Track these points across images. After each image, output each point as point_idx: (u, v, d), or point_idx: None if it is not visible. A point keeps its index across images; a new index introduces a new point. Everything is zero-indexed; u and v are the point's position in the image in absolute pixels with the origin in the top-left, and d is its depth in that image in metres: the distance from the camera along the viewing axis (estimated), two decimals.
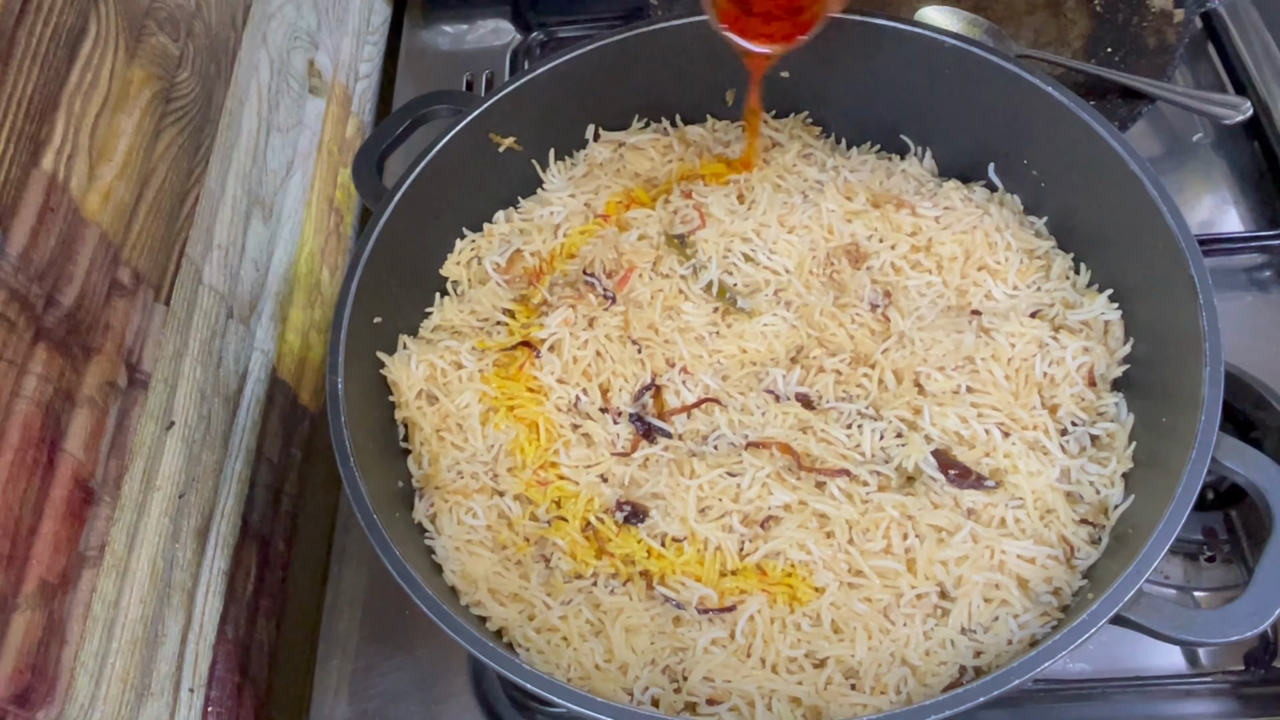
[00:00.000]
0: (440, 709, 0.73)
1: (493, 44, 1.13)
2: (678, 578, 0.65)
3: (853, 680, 0.61)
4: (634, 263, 0.75)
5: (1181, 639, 0.56)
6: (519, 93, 0.79)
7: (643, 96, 0.84)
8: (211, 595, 0.71)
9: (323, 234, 0.93)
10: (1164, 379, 0.66)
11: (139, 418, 0.64)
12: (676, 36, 0.79)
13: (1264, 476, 0.59)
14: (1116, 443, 0.66)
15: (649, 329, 0.73)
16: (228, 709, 0.70)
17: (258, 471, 0.78)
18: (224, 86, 0.78)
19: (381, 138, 0.81)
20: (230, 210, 0.78)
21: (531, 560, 0.67)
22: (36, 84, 0.57)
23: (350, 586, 0.79)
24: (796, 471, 0.67)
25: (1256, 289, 0.86)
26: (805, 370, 0.71)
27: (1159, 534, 0.56)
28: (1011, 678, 0.53)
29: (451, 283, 0.81)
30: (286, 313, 0.86)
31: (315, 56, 0.96)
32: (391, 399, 0.74)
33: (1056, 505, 0.64)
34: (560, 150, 0.85)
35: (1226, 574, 0.72)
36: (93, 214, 0.61)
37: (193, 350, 0.71)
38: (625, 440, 0.70)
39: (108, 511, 0.60)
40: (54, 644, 0.55)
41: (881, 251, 0.75)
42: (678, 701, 0.61)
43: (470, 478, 0.70)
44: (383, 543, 0.61)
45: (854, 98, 0.81)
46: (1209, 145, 0.95)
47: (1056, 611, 0.62)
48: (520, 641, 0.64)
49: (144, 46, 0.67)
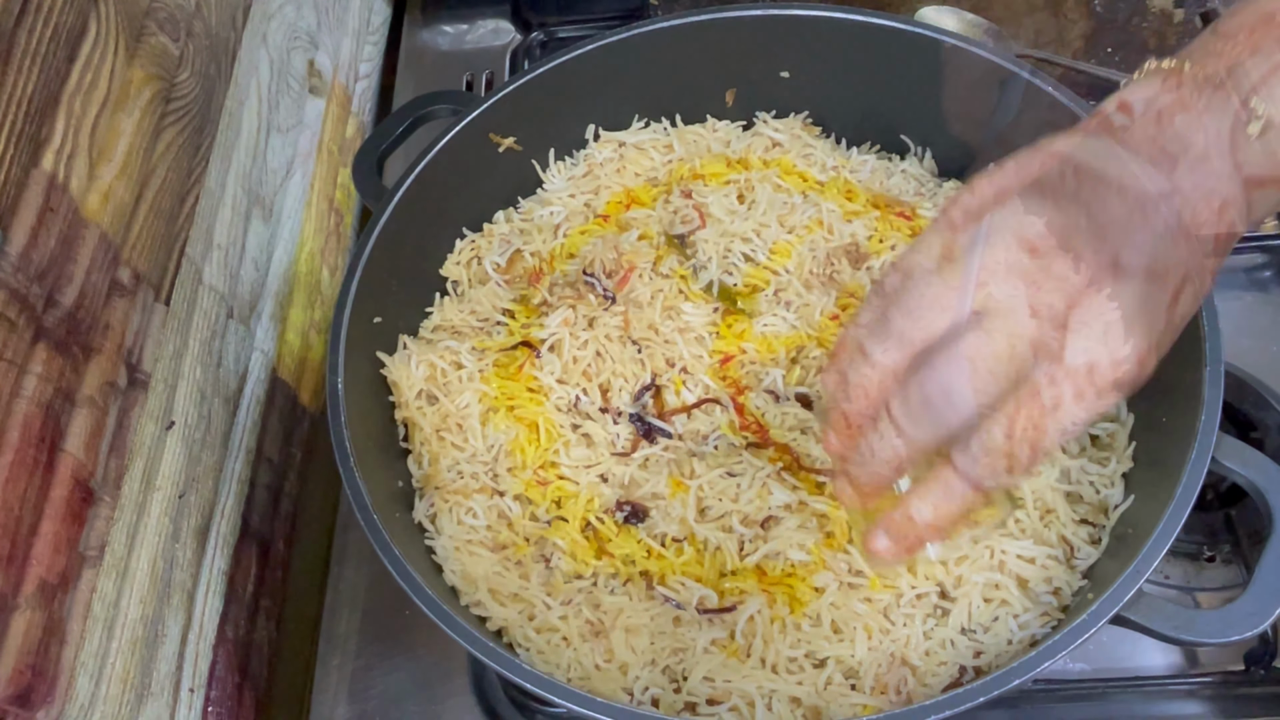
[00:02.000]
0: (440, 709, 0.73)
1: (493, 44, 1.13)
2: (678, 578, 0.65)
3: (853, 680, 0.61)
4: (634, 263, 0.75)
5: (1181, 639, 0.55)
6: (519, 93, 0.79)
7: (643, 96, 0.84)
8: (211, 595, 0.71)
9: (323, 234, 0.93)
10: (1164, 379, 0.65)
11: (139, 418, 0.64)
12: (676, 36, 0.79)
13: (1264, 476, 0.59)
14: (1116, 442, 0.66)
15: (649, 329, 0.73)
16: (228, 709, 0.70)
17: (258, 471, 0.78)
18: (224, 86, 0.78)
19: (381, 138, 0.81)
20: (230, 210, 0.78)
21: (531, 560, 0.67)
22: (36, 84, 0.57)
23: (350, 586, 0.79)
24: (796, 471, 0.67)
25: (1256, 289, 0.86)
26: (805, 370, 0.71)
27: (1159, 534, 0.56)
28: (1011, 678, 0.53)
29: (451, 283, 0.81)
30: (286, 313, 0.86)
31: (315, 56, 0.96)
32: (391, 399, 0.74)
33: (1056, 505, 0.64)
34: (560, 150, 0.85)
35: (1226, 574, 0.72)
36: (93, 214, 0.61)
37: (193, 350, 0.71)
38: (625, 440, 0.70)
39: (108, 511, 0.60)
40: (54, 644, 0.55)
41: (881, 251, 0.75)
42: (677, 701, 0.61)
43: (470, 478, 0.70)
44: (383, 543, 0.61)
45: (854, 98, 0.81)
46: None
47: (1056, 611, 0.62)
48: (520, 642, 0.64)
49: (144, 46, 0.67)
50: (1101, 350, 0.46)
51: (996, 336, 0.46)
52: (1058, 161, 0.48)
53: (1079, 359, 0.46)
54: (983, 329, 0.46)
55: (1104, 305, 0.46)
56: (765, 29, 0.80)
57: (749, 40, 0.80)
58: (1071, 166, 0.48)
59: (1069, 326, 0.46)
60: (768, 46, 0.81)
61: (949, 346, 0.47)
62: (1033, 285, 0.46)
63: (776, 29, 0.80)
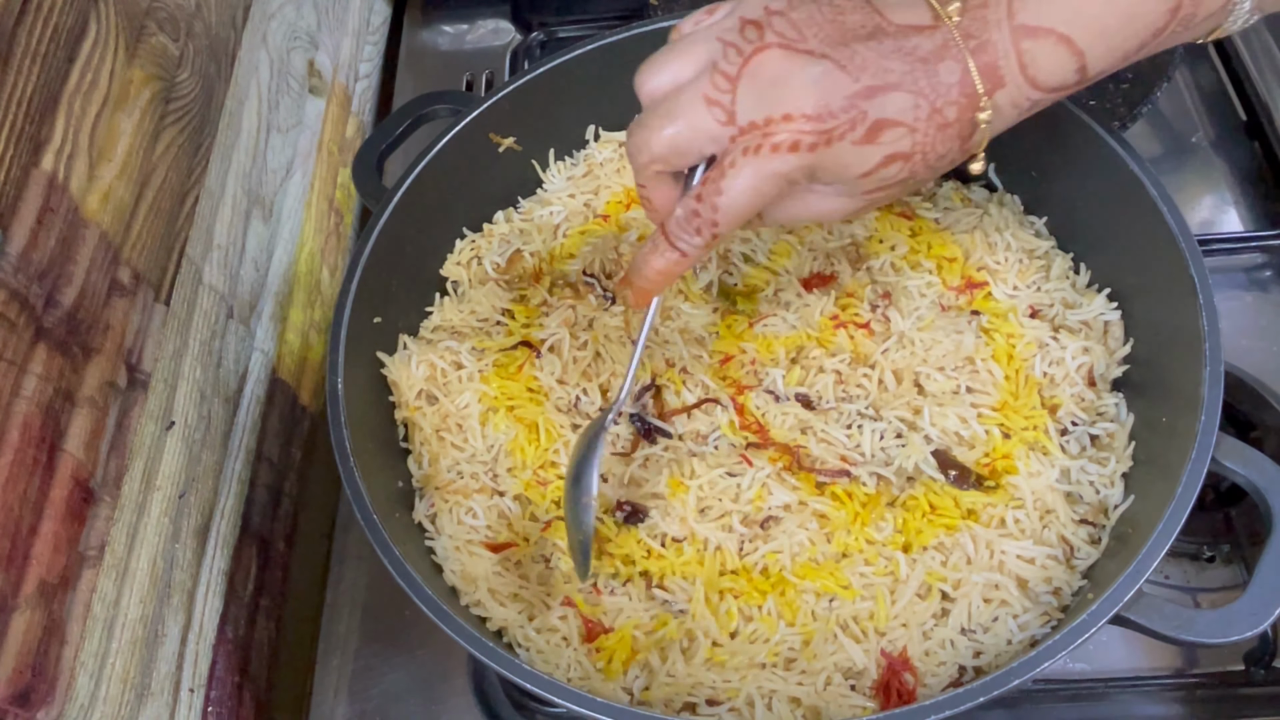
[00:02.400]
0: (440, 709, 0.73)
1: (493, 44, 1.13)
2: (677, 578, 0.65)
3: (853, 680, 0.61)
4: None
5: (1181, 639, 0.55)
6: (519, 93, 0.79)
7: None
8: (211, 595, 0.71)
9: (323, 234, 0.93)
10: (1164, 379, 0.66)
11: (139, 418, 0.64)
12: None
13: (1264, 476, 0.59)
14: (1116, 443, 0.66)
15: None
16: (228, 709, 0.70)
17: (258, 471, 0.78)
18: (224, 86, 0.78)
19: (381, 138, 0.81)
20: (230, 210, 0.78)
21: (531, 560, 0.67)
22: (36, 84, 0.57)
23: (350, 586, 0.79)
24: (796, 472, 0.67)
25: (1256, 289, 0.86)
26: (805, 370, 0.71)
27: (1159, 534, 0.56)
28: (1011, 678, 0.53)
29: (451, 283, 0.81)
30: (286, 313, 0.86)
31: (315, 56, 0.96)
32: (391, 399, 0.74)
33: (1056, 505, 0.64)
34: (560, 150, 0.85)
35: (1226, 574, 0.73)
36: (93, 214, 0.61)
37: (193, 350, 0.71)
38: (625, 440, 0.70)
39: (108, 511, 0.60)
40: (54, 644, 0.55)
41: (881, 252, 0.75)
42: (677, 701, 0.61)
43: (470, 478, 0.70)
44: (383, 543, 0.61)
45: None
46: (1209, 145, 0.95)
47: (1056, 611, 0.62)
48: (520, 641, 0.64)
49: (144, 46, 0.67)
50: (764, 105, 0.49)
51: (683, 100, 0.52)
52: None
53: (747, 115, 0.50)
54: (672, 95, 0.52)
55: (776, 63, 0.49)
56: None
57: None
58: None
59: (738, 80, 0.50)
60: None
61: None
62: (727, 46, 0.51)
63: None
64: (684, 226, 0.54)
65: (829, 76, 0.49)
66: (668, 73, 0.53)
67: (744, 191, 0.51)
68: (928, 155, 0.51)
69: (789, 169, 0.50)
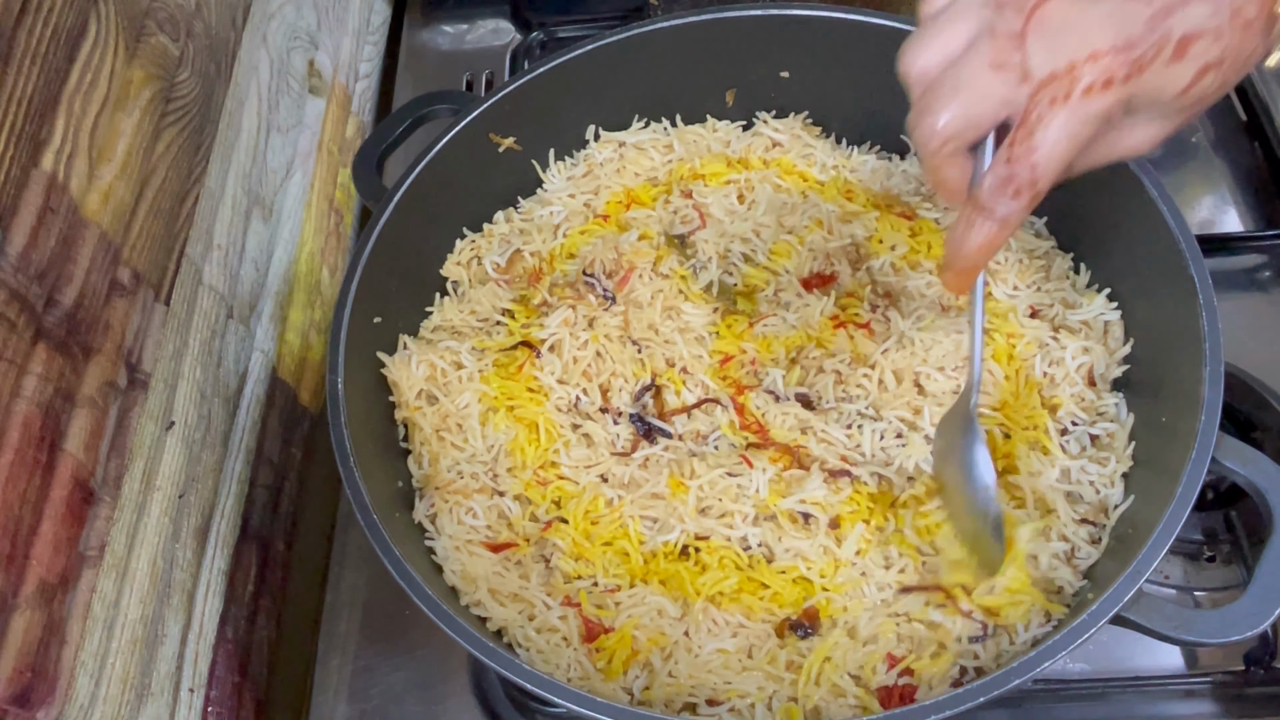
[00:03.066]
0: (440, 709, 0.73)
1: (493, 44, 1.13)
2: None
3: (853, 680, 0.61)
4: (634, 263, 0.75)
5: (1181, 639, 0.56)
6: (519, 93, 0.79)
7: (643, 96, 0.84)
8: (211, 595, 0.71)
9: (323, 234, 0.93)
10: (1164, 379, 0.66)
11: (139, 418, 0.64)
12: (676, 36, 0.79)
13: (1264, 476, 0.59)
14: (1116, 443, 0.66)
15: (649, 329, 0.73)
16: (228, 709, 0.70)
17: (258, 471, 0.78)
18: (224, 86, 0.78)
19: (381, 138, 0.81)
20: (230, 210, 0.78)
21: (531, 560, 0.67)
22: (36, 84, 0.57)
23: (350, 586, 0.79)
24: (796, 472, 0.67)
25: (1256, 289, 0.86)
26: (805, 370, 0.71)
27: (1159, 534, 0.56)
28: (1011, 678, 0.53)
29: (451, 283, 0.81)
30: (286, 313, 0.86)
31: (315, 56, 0.96)
32: (391, 399, 0.74)
33: (1056, 505, 0.64)
34: (560, 150, 0.85)
35: (1226, 574, 0.72)
36: (93, 214, 0.61)
37: (193, 350, 0.71)
38: (625, 440, 0.70)
39: (108, 511, 0.60)
40: (54, 644, 0.55)
41: (882, 252, 0.75)
42: (677, 701, 0.61)
43: (470, 478, 0.70)
44: (383, 543, 0.61)
45: (854, 98, 0.81)
46: (1209, 145, 0.95)
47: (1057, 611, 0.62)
48: (520, 641, 0.64)
49: (144, 46, 0.67)
50: (1063, 53, 0.48)
51: (968, 69, 0.50)
52: None
53: (1043, 68, 0.49)
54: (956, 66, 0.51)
55: (1061, 10, 0.48)
56: (765, 29, 0.80)
57: (749, 40, 0.80)
58: None
59: (1025, 38, 0.49)
60: (768, 46, 0.81)
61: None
62: (1002, 8, 0.49)
63: (776, 29, 0.80)
64: (999, 193, 0.52)
65: (1121, 8, 0.48)
66: (934, 50, 0.52)
67: (1061, 141, 0.50)
68: (1237, 58, 0.50)
69: (1107, 106, 0.49)
